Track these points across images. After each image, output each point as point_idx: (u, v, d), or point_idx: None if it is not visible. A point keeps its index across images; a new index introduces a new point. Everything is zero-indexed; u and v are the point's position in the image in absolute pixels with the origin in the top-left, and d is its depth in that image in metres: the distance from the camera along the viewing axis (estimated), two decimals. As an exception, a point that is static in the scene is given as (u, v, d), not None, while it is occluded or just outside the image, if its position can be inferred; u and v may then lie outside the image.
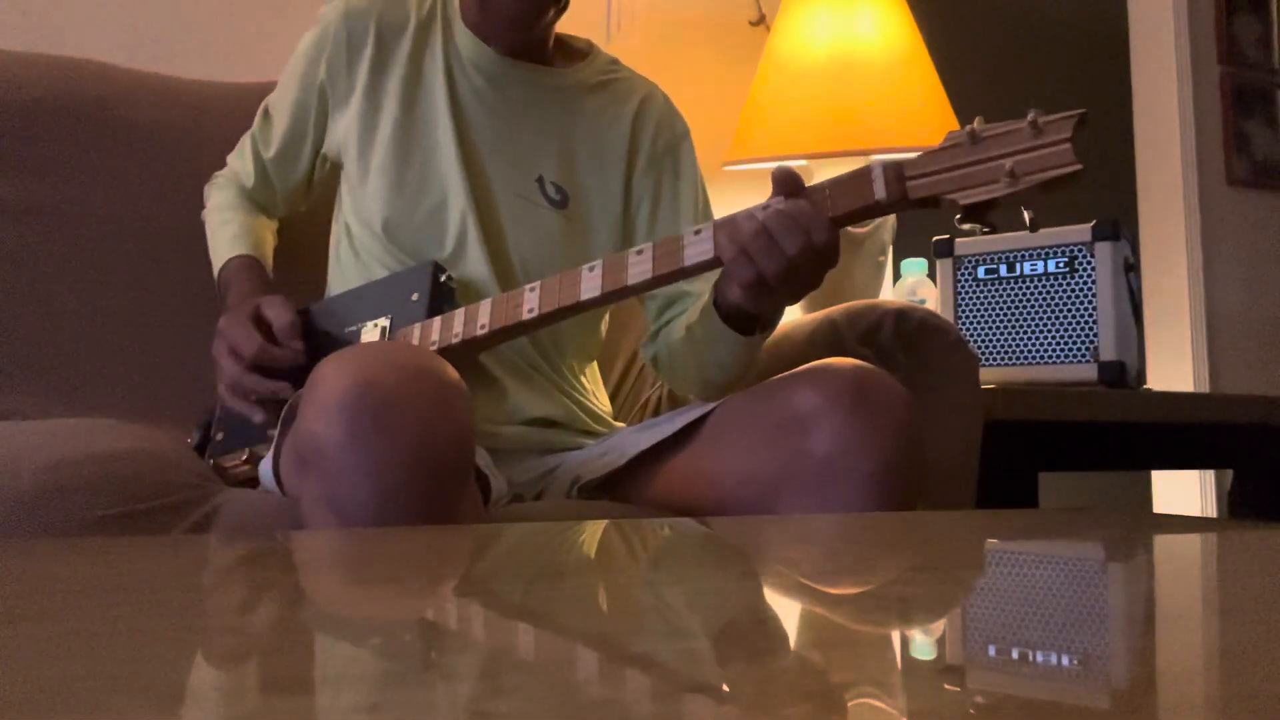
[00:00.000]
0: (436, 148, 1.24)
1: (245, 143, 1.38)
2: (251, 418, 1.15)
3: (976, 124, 0.97)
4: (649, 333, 1.30)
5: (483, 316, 1.11)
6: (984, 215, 0.97)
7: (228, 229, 1.33)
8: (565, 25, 1.34)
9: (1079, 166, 0.92)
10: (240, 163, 1.38)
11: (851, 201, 1.00)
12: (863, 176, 1.00)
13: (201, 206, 1.42)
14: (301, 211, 1.42)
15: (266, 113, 1.36)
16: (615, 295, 1.09)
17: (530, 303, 1.10)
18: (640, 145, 1.31)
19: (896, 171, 0.99)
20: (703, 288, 1.19)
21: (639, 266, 1.07)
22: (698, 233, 1.05)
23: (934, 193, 0.98)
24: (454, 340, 1.12)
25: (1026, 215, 0.97)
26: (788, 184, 1.01)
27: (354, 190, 1.26)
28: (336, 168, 1.32)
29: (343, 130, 1.28)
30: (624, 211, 1.30)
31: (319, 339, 1.23)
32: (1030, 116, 0.95)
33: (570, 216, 1.27)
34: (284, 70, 1.33)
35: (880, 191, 0.99)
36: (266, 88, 1.40)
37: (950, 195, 0.97)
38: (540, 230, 1.25)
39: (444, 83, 1.25)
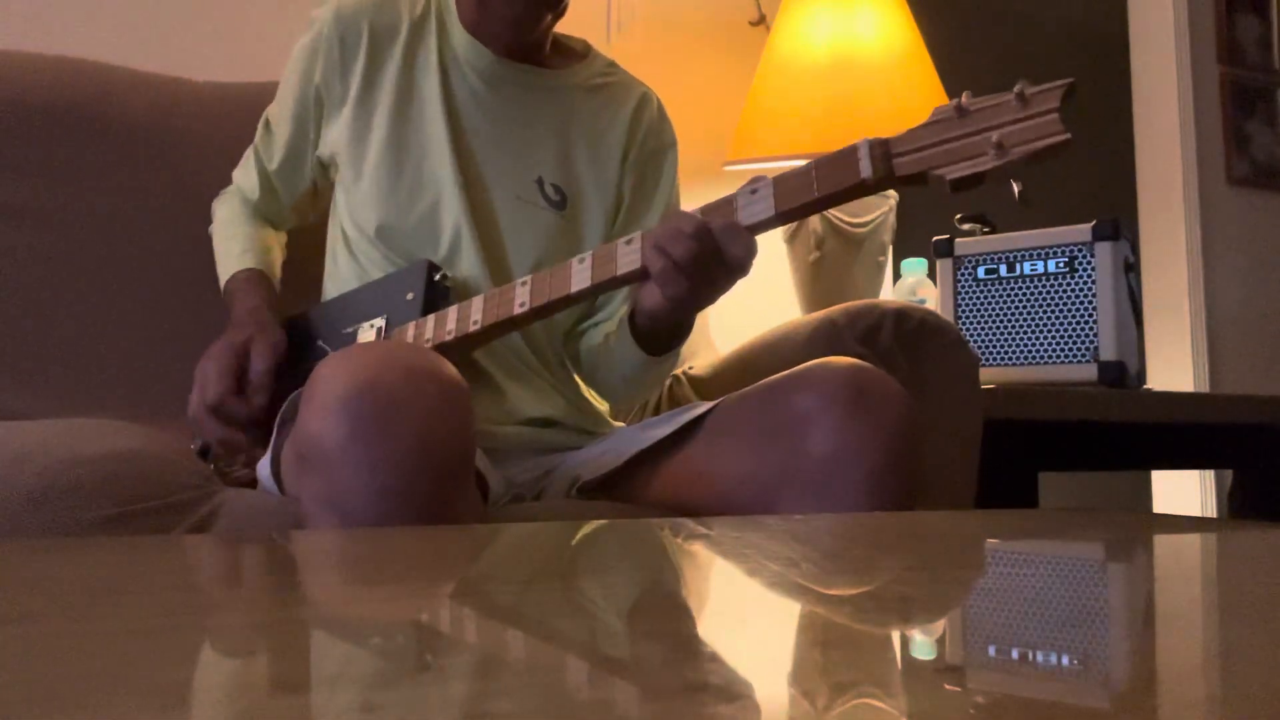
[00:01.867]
0: (430, 150, 1.24)
1: (249, 156, 1.38)
2: (209, 445, 1.18)
3: (964, 98, 0.96)
4: (579, 328, 1.32)
5: (475, 313, 1.11)
6: (972, 189, 0.96)
7: (233, 243, 1.33)
8: (565, 25, 1.34)
9: (1067, 136, 0.91)
10: (245, 176, 1.38)
11: (838, 181, 0.99)
12: (849, 155, 0.99)
13: (204, 209, 1.42)
14: (311, 221, 1.41)
15: (267, 124, 1.36)
16: (605, 285, 1.08)
17: (521, 297, 1.10)
18: (633, 144, 1.32)
19: (883, 149, 0.98)
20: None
21: (628, 256, 1.06)
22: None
23: (921, 169, 0.96)
24: (448, 337, 1.12)
25: (1016, 188, 0.96)
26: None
27: (348, 193, 1.26)
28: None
29: (337, 134, 1.27)
30: (616, 209, 1.31)
31: (316, 342, 1.23)
32: (1017, 88, 0.93)
33: (569, 217, 1.27)
34: (281, 79, 1.33)
35: (866, 170, 0.97)
36: (266, 88, 1.40)
37: (938, 170, 0.95)
38: (538, 231, 1.25)
39: (438, 84, 1.25)
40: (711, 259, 1.00)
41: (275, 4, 1.80)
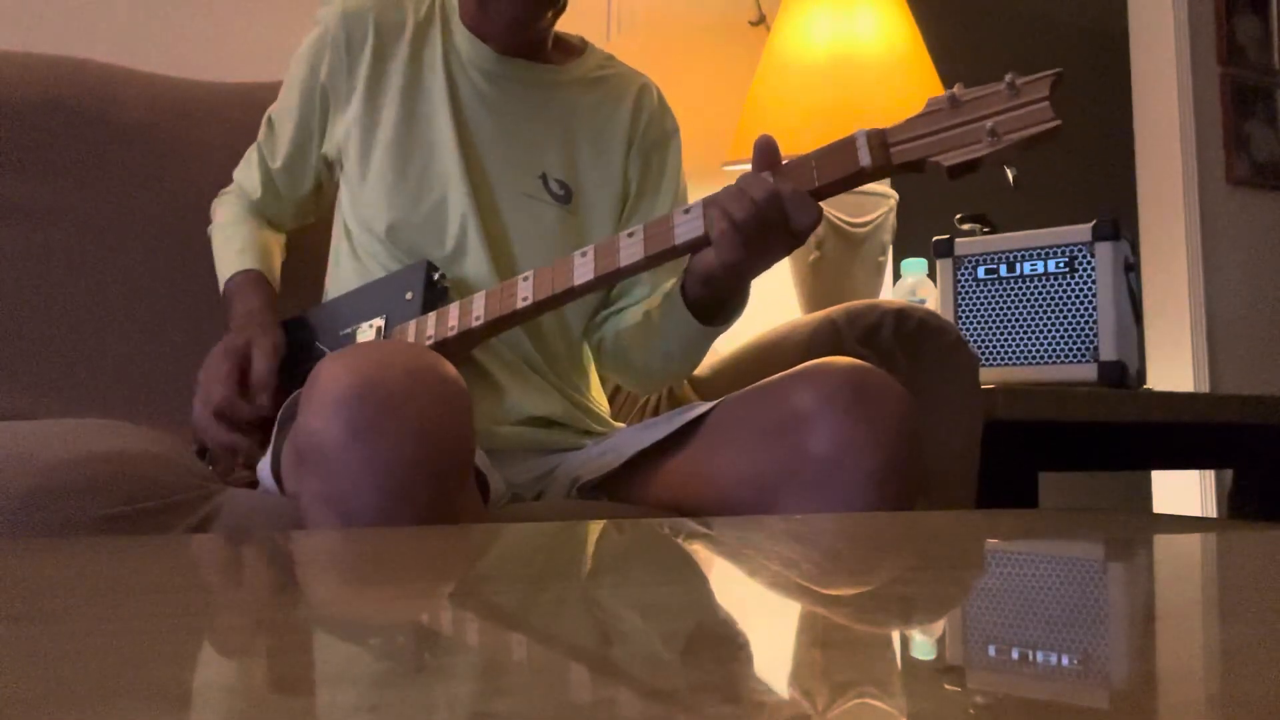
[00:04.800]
0: (436, 148, 1.24)
1: (251, 155, 1.38)
2: (216, 452, 1.18)
3: (956, 89, 1.00)
4: (599, 317, 1.32)
5: (478, 308, 1.12)
6: (968, 175, 1.00)
7: (232, 244, 1.33)
8: (566, 25, 1.34)
9: (1058, 122, 0.95)
10: (247, 176, 1.38)
11: (837, 170, 1.02)
12: (847, 146, 1.02)
13: (204, 209, 1.42)
14: (312, 222, 1.41)
15: (270, 122, 1.35)
16: (609, 278, 1.09)
17: (524, 291, 1.10)
18: (636, 133, 1.33)
19: (880, 138, 1.02)
20: (660, 280, 1.25)
21: (631, 249, 1.07)
22: (687, 211, 1.06)
23: (918, 156, 1.00)
24: (450, 333, 1.12)
25: (1009, 173, 1.00)
26: (768, 156, 1.04)
27: (354, 192, 1.26)
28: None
29: (343, 132, 1.28)
30: (622, 200, 1.31)
31: (315, 343, 1.23)
32: (1008, 78, 0.98)
33: (574, 211, 1.27)
34: (285, 77, 1.33)
35: (865, 159, 1.01)
36: (265, 88, 1.40)
37: (934, 158, 1.00)
38: (544, 227, 1.25)
39: (444, 83, 1.25)
40: (779, 226, 1.02)
41: (275, 4, 1.80)
